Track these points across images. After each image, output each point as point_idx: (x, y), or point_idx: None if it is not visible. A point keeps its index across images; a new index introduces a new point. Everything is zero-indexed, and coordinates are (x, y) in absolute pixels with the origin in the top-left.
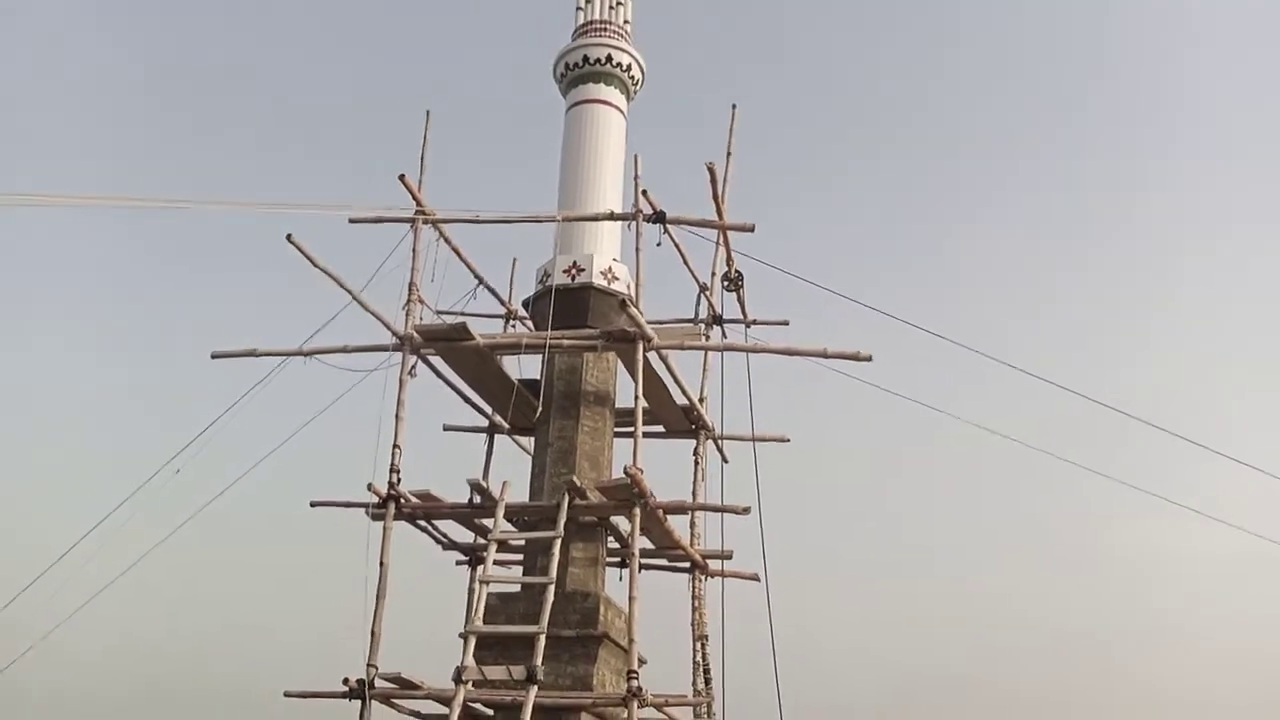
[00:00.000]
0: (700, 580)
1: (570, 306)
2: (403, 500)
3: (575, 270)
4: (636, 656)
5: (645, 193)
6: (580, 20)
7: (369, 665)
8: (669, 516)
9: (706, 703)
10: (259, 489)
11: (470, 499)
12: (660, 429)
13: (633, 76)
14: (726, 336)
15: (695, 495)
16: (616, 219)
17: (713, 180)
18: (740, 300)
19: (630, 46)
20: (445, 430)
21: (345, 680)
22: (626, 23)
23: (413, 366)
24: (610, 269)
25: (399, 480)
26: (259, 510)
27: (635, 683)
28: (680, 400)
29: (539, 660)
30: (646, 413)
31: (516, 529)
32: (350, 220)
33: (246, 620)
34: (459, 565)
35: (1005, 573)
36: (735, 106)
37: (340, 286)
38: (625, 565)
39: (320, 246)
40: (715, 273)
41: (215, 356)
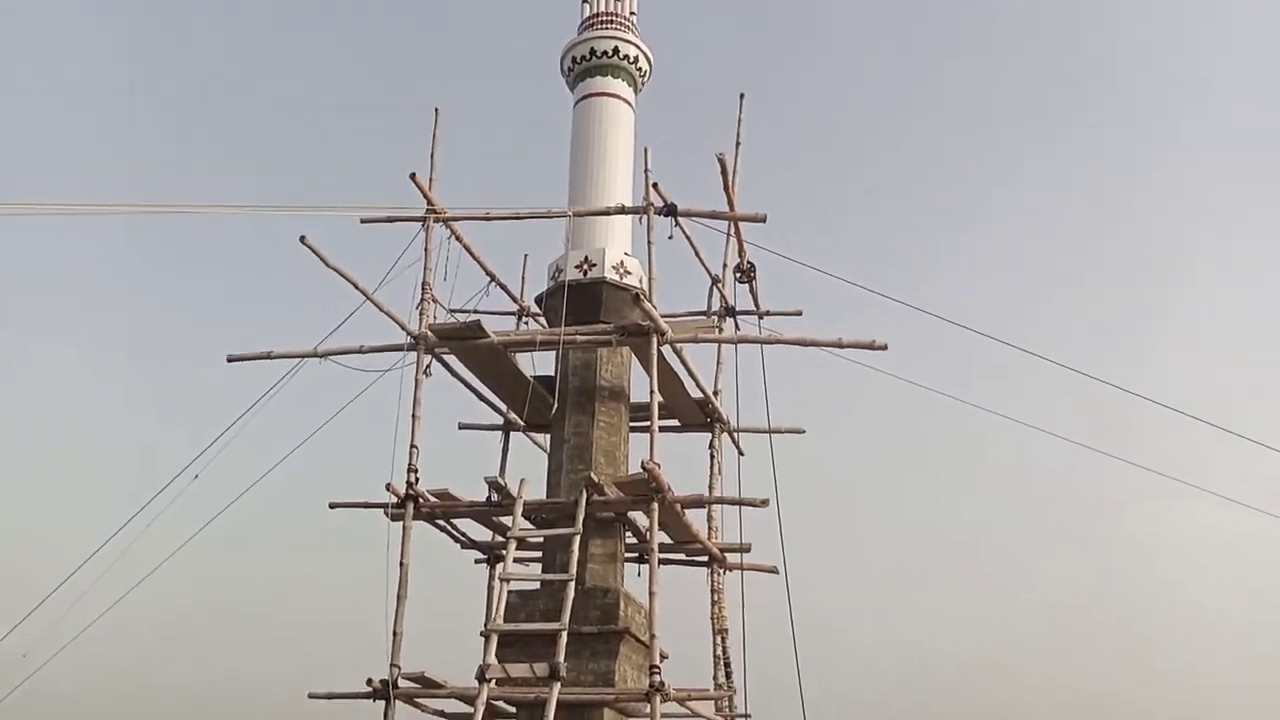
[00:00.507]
0: (719, 574)
1: (583, 301)
2: (421, 500)
3: (587, 265)
4: (658, 651)
5: (656, 185)
6: (586, 13)
7: (392, 665)
8: (686, 510)
9: (728, 696)
10: (278, 491)
11: (488, 497)
12: (675, 423)
13: (640, 68)
14: (739, 329)
15: (712, 489)
16: (627, 213)
17: (723, 171)
18: (753, 292)
19: (637, 38)
20: (461, 429)
21: (369, 681)
22: (632, 14)
23: (428, 365)
24: (622, 263)
25: (417, 480)
26: (279, 512)
27: (658, 678)
28: (695, 393)
29: (562, 657)
30: (661, 407)
31: (534, 526)
32: (362, 221)
33: (268, 622)
34: (478, 564)
35: (1026, 560)
36: (743, 96)
37: (354, 287)
38: (644, 560)
39: (333, 248)
40: (726, 264)
41: (231, 360)
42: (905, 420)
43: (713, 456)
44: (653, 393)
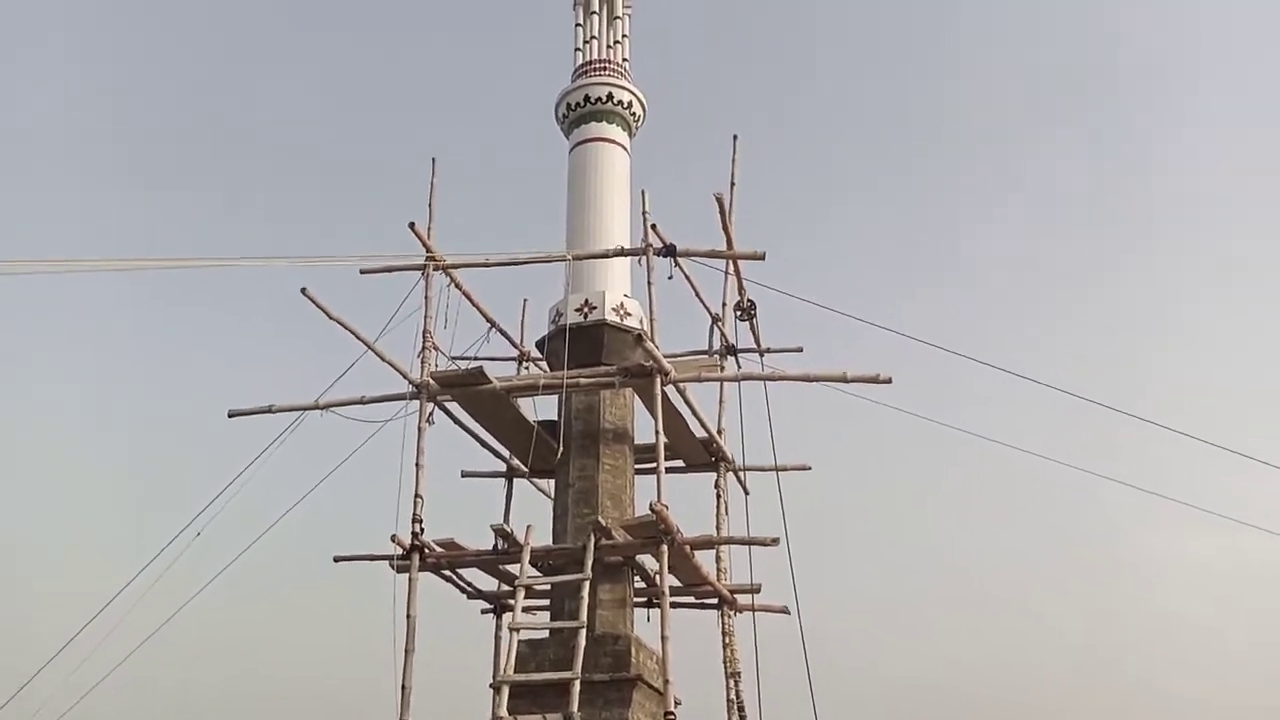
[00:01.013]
0: (729, 616)
1: (585, 344)
2: (427, 550)
3: (588, 308)
4: (672, 697)
5: (655, 227)
6: (579, 61)
7: None
8: (695, 552)
9: None
10: (283, 545)
11: (495, 545)
12: (680, 463)
13: (634, 113)
14: (741, 366)
15: (719, 529)
16: (626, 254)
17: (721, 211)
18: (753, 329)
19: (630, 83)
20: (464, 477)
21: None
22: (625, 61)
23: (430, 414)
24: (623, 304)
25: (422, 530)
26: (284, 567)
27: None
28: (699, 433)
29: (575, 706)
30: (666, 448)
31: (541, 573)
32: (361, 271)
33: (277, 678)
34: (484, 614)
35: (1039, 592)
36: (736, 137)
37: (356, 337)
38: (653, 605)
39: (332, 297)
40: (726, 303)
41: (232, 415)
42: (912, 452)
43: (719, 496)
44: (658, 433)
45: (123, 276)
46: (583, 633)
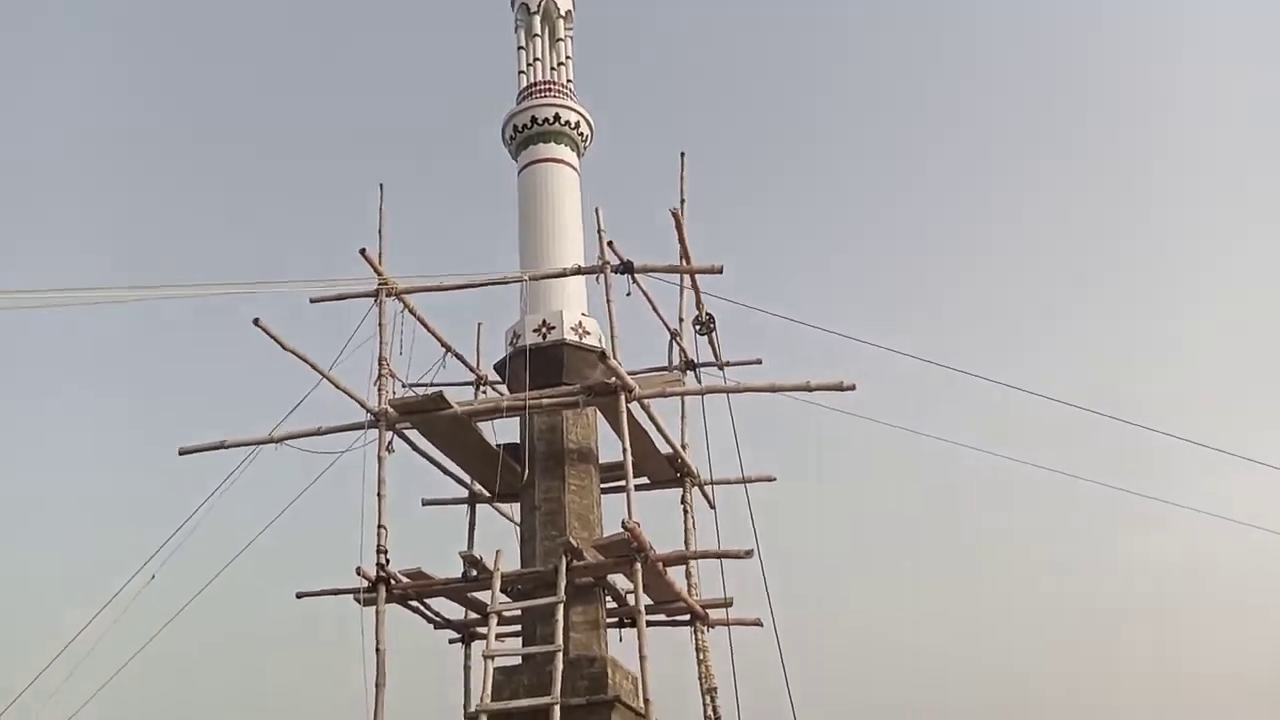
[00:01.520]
0: (703, 631)
1: (544, 365)
2: (393, 581)
3: (546, 328)
4: (653, 716)
5: (611, 244)
6: (524, 83)
7: None
8: (666, 569)
9: None
10: (242, 583)
11: (464, 573)
12: (645, 480)
13: (582, 133)
14: (700, 381)
15: (688, 544)
16: (584, 273)
17: (678, 226)
18: (712, 343)
19: (577, 104)
20: (425, 505)
21: None
22: (570, 81)
23: (389, 442)
24: (581, 324)
25: (388, 561)
26: (247, 605)
27: None
28: (664, 449)
29: None
30: (631, 465)
31: (510, 599)
32: (312, 300)
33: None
34: (452, 644)
35: (1014, 592)
36: (683, 154)
37: (311, 368)
38: (624, 625)
39: (283, 329)
40: (683, 318)
41: (183, 453)
42: (879, 460)
43: (686, 512)
44: (626, 451)
45: (59, 313)
46: (559, 656)
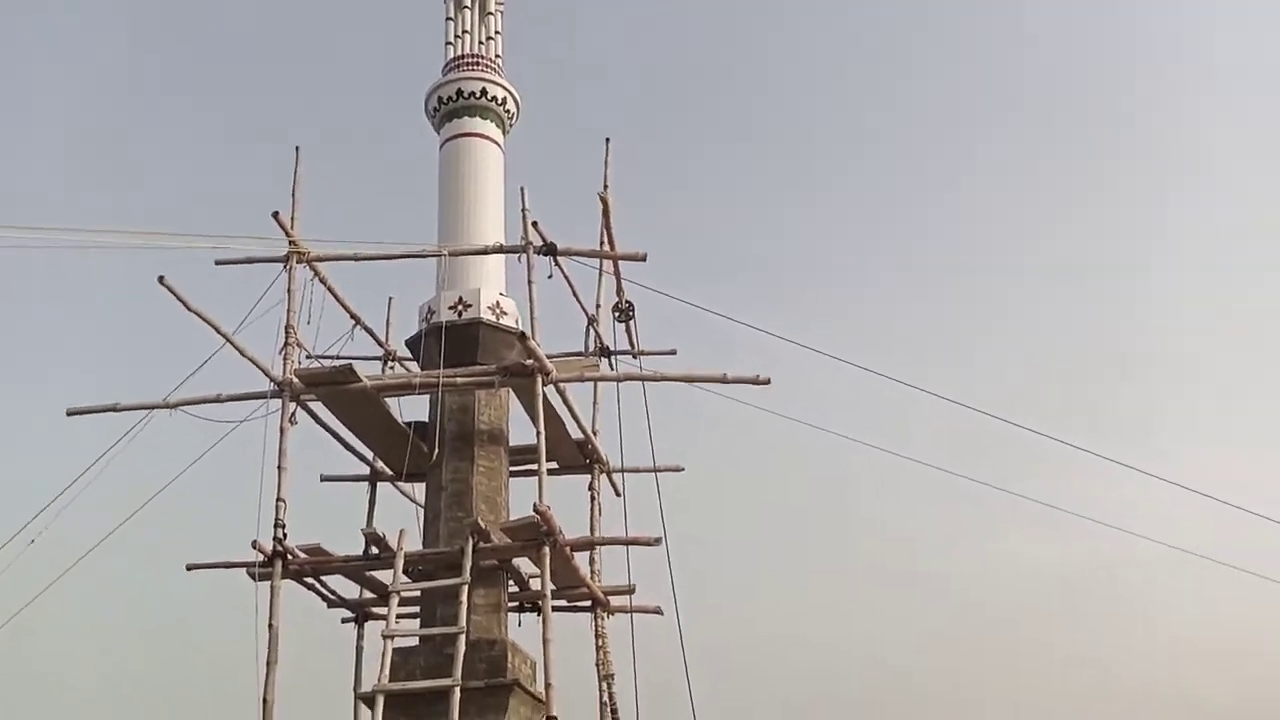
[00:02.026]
0: (603, 618)
1: (459, 343)
2: (290, 557)
3: (462, 306)
4: (554, 701)
5: (536, 224)
6: (450, 55)
7: None
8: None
9: None
10: (134, 554)
11: (365, 550)
12: (553, 465)
13: (508, 110)
14: (614, 368)
15: (594, 531)
16: (506, 251)
17: (605, 211)
18: (629, 331)
19: (504, 80)
20: (324, 480)
21: None
22: (498, 57)
23: (293, 414)
24: (498, 303)
25: (285, 536)
26: (138, 575)
27: None
28: (575, 435)
29: (456, 714)
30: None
31: (410, 579)
32: (217, 262)
33: (127, 698)
34: (345, 623)
35: (903, 587)
36: (609, 140)
37: (215, 330)
38: (524, 609)
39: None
40: (600, 304)
41: (72, 413)
42: (787, 455)
43: (593, 498)
44: (540, 434)
45: None
46: (463, 639)
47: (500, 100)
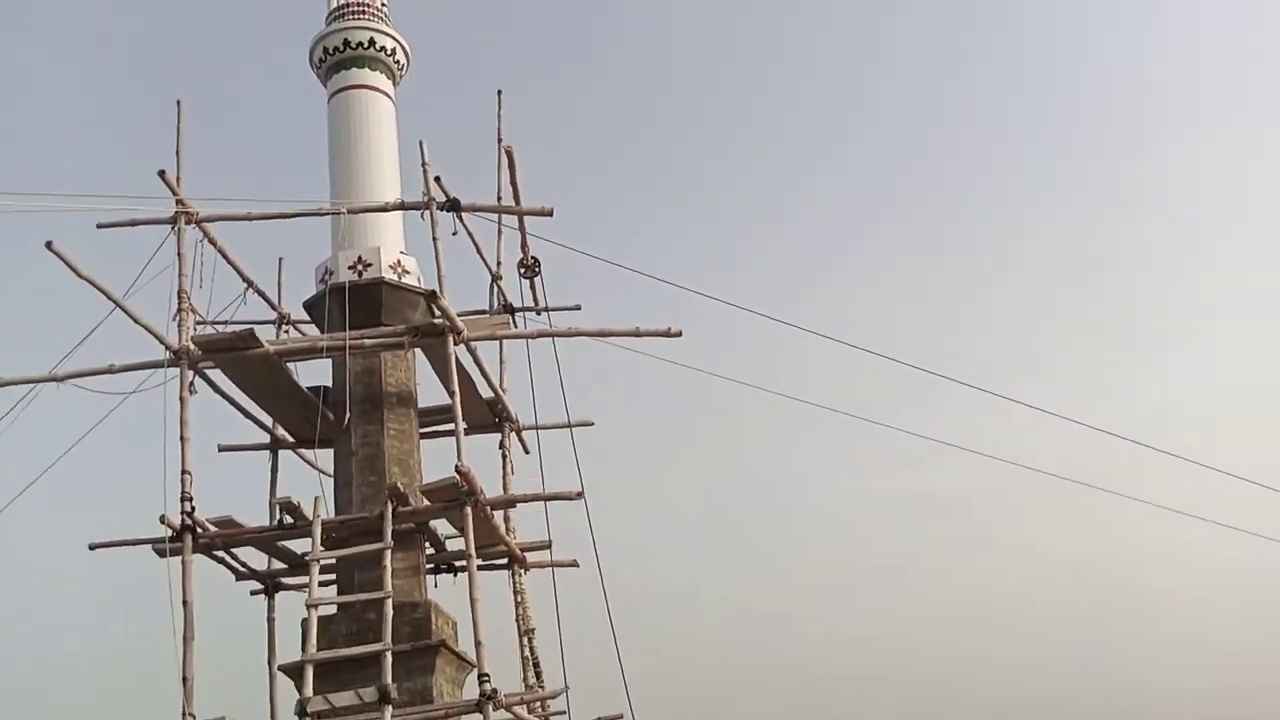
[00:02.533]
0: (520, 575)
1: (361, 305)
2: (200, 531)
3: (362, 265)
4: (485, 659)
5: (439, 179)
6: (335, 3)
7: (188, 715)
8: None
9: (554, 696)
10: (27, 535)
11: (279, 520)
12: (463, 425)
13: (398, 61)
14: (517, 325)
15: (506, 489)
16: (407, 208)
17: (510, 165)
18: (534, 287)
19: (393, 29)
20: (221, 451)
21: None
22: (384, 4)
23: (191, 382)
24: (399, 262)
25: (193, 509)
26: (34, 555)
27: (488, 686)
28: (485, 394)
29: (389, 678)
30: (449, 409)
31: (325, 547)
32: (99, 226)
33: (38, 682)
34: (254, 595)
35: (834, 539)
36: (500, 92)
37: (107, 298)
38: (440, 570)
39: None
40: (500, 260)
41: None
42: (695, 408)
43: (505, 456)
44: (454, 394)
45: None
46: (389, 603)
47: (390, 51)
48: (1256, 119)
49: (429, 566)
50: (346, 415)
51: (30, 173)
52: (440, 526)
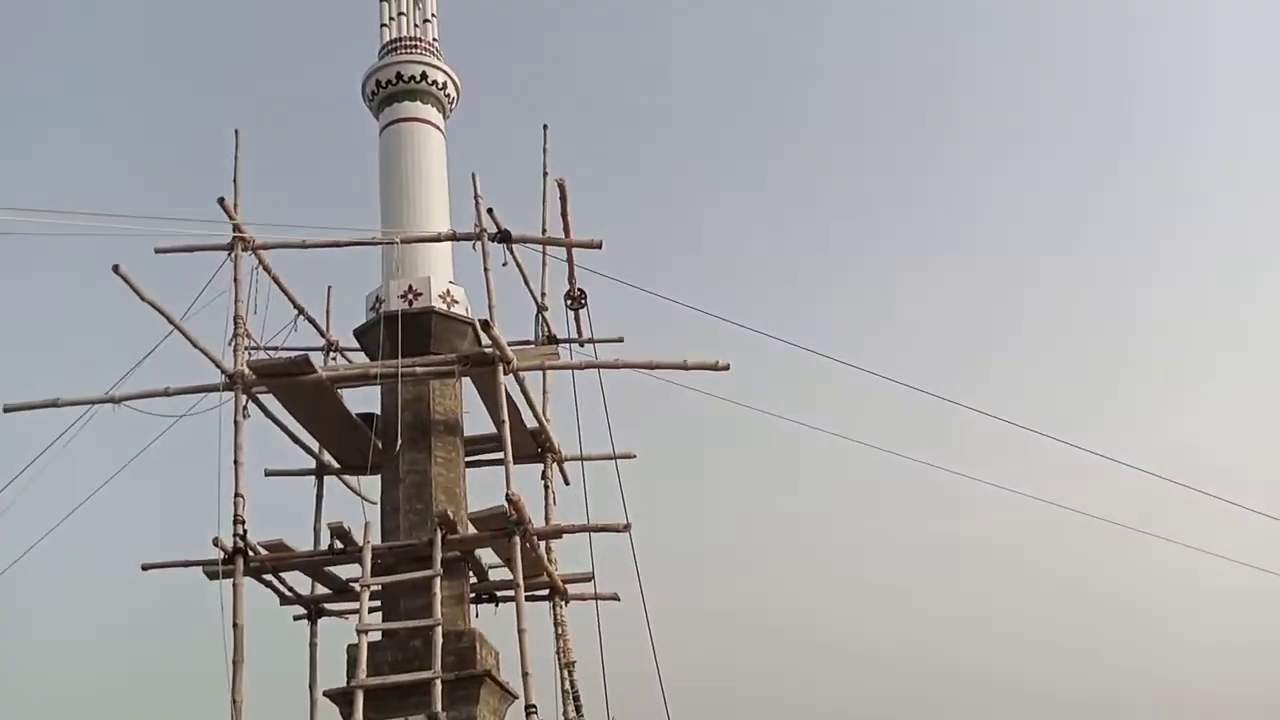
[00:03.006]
0: (561, 606)
1: (411, 333)
2: (251, 553)
3: (413, 295)
4: (533, 690)
5: (491, 211)
6: (386, 38)
7: None
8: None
9: None
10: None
11: (330, 545)
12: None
13: (448, 95)
14: (560, 356)
15: (548, 520)
16: (460, 239)
17: (562, 197)
18: (577, 319)
19: (444, 64)
20: (268, 475)
21: None
22: (435, 40)
23: (245, 406)
24: (449, 291)
25: (245, 532)
26: (83, 578)
27: (536, 718)
28: (530, 424)
29: (439, 706)
30: (494, 438)
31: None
32: (157, 250)
33: (81, 704)
34: (297, 620)
35: (869, 564)
36: (546, 127)
37: (168, 321)
38: (481, 600)
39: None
40: (545, 291)
41: (9, 410)
42: (743, 442)
43: (547, 487)
44: (503, 423)
45: None
46: (439, 630)
47: (441, 84)
48: None
49: (472, 597)
50: (398, 442)
51: (87, 198)
52: (483, 556)
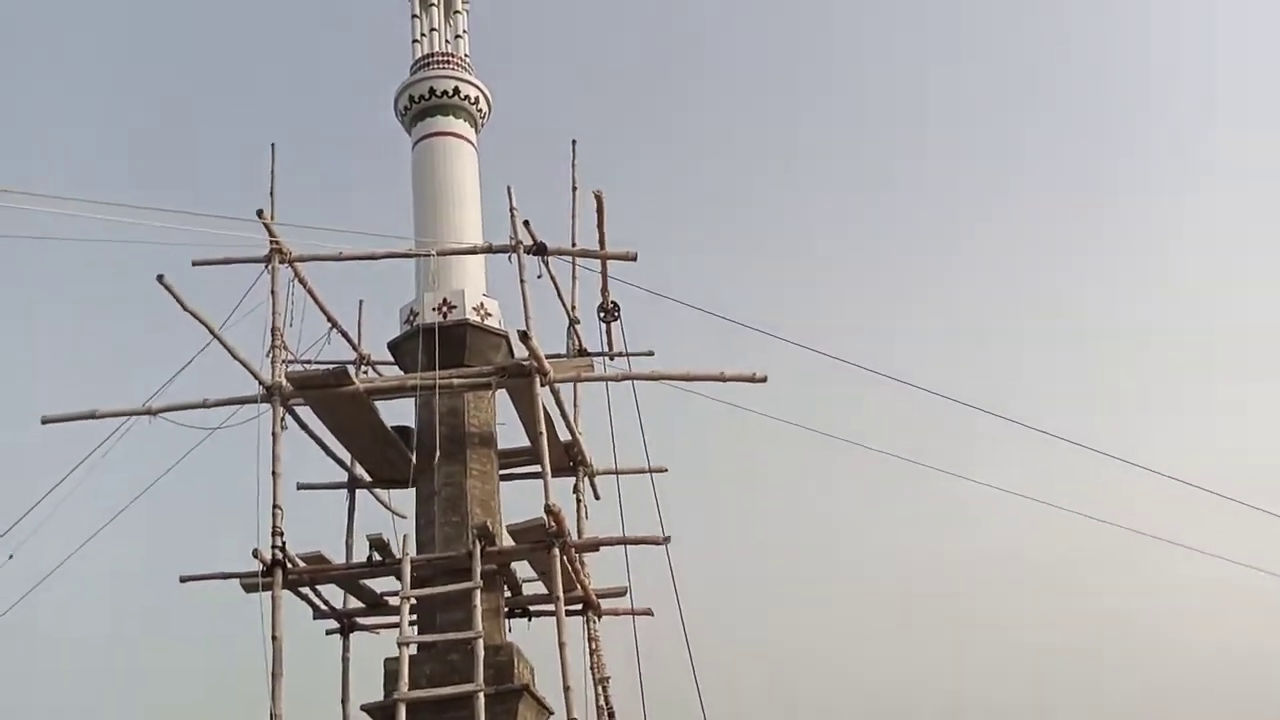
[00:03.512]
0: (594, 621)
1: (445, 346)
2: (289, 566)
3: (446, 307)
4: (574, 704)
5: (527, 223)
6: (418, 53)
7: None
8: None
9: None
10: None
11: (369, 557)
12: (535, 469)
13: (480, 109)
14: (594, 369)
15: (580, 534)
16: (495, 251)
17: (599, 210)
18: (610, 332)
19: (476, 79)
20: (300, 489)
21: None
22: (467, 56)
23: (282, 418)
24: (483, 304)
25: (284, 544)
26: (119, 589)
27: None
28: (563, 437)
29: (482, 718)
30: (527, 451)
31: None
32: (194, 263)
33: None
34: (330, 634)
35: (908, 579)
36: (575, 142)
37: (210, 332)
38: (513, 614)
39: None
40: (575, 304)
41: (46, 421)
42: (780, 455)
43: (579, 501)
44: (540, 435)
45: None
46: (480, 643)
47: (473, 99)
48: None
49: (506, 611)
50: (436, 454)
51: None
52: (517, 569)
